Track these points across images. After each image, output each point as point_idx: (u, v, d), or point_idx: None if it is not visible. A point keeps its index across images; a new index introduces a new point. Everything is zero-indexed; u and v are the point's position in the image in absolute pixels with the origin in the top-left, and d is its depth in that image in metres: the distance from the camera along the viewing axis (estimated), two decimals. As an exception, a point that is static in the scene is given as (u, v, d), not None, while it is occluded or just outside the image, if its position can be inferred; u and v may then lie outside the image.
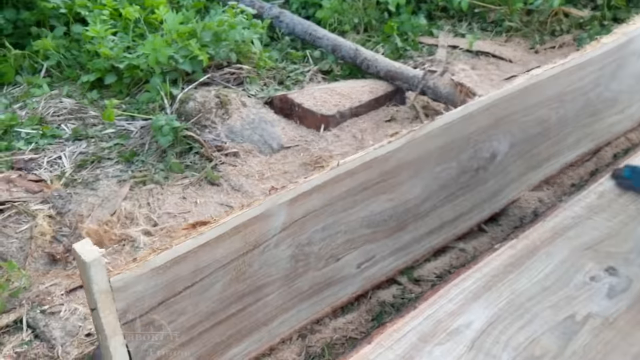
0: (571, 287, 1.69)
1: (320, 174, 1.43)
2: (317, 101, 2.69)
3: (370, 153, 1.52)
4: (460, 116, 1.69)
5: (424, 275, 1.89)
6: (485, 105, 1.74)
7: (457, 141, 1.73)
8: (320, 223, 1.49)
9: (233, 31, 2.74)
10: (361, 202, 1.57)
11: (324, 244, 1.54)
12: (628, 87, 2.31)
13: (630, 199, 1.99)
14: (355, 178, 1.51)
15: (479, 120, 1.76)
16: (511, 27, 3.37)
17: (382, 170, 1.57)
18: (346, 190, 1.50)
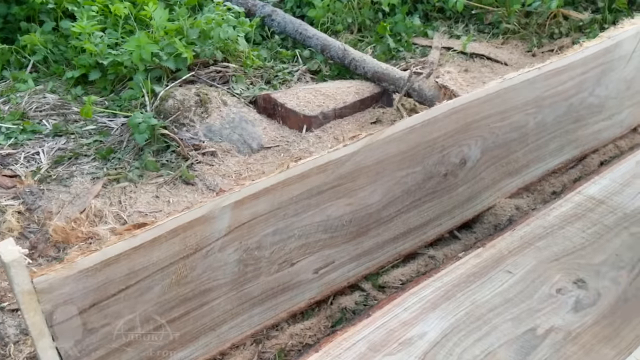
0: (535, 299, 1.63)
1: (268, 177, 1.39)
2: (301, 101, 2.65)
3: (324, 156, 1.48)
4: (423, 120, 1.64)
5: (389, 281, 1.85)
6: (451, 109, 1.69)
7: (421, 146, 1.69)
8: (271, 227, 1.46)
9: (218, 29, 2.72)
10: (316, 206, 1.53)
11: (276, 248, 1.50)
12: (616, 92, 2.24)
13: (609, 209, 1.93)
14: (307, 182, 1.47)
15: (446, 125, 1.71)
16: (508, 29, 3.30)
17: (339, 174, 1.53)
18: (298, 193, 1.47)
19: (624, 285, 1.69)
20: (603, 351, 1.50)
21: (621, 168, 2.09)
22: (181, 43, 2.72)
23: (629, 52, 2.16)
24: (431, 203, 1.84)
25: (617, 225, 1.87)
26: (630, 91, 2.29)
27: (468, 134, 1.80)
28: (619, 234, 1.84)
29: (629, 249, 1.79)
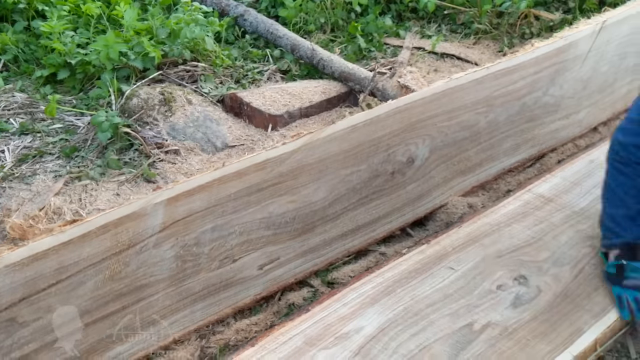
0: (475, 295, 1.66)
1: (202, 174, 1.42)
2: (267, 100, 2.68)
3: (262, 154, 1.51)
4: (365, 120, 1.67)
5: (339, 278, 1.87)
6: (394, 109, 1.72)
7: (364, 144, 1.71)
8: (208, 224, 1.48)
9: (185, 29, 2.74)
10: (257, 204, 1.56)
11: (215, 244, 1.53)
12: (572, 92, 2.26)
13: (557, 207, 1.95)
14: (245, 179, 1.50)
15: (390, 124, 1.74)
16: (480, 29, 3.32)
17: (279, 171, 1.56)
18: (236, 191, 1.49)
19: (565, 281, 1.71)
20: (538, 346, 1.53)
21: (573, 167, 2.11)
22: (149, 42, 2.74)
23: (584, 52, 2.18)
24: (379, 201, 1.87)
25: (563, 223, 1.89)
26: (587, 91, 2.32)
27: (414, 133, 1.83)
28: (565, 232, 1.86)
29: (573, 247, 1.82)
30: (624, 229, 1.64)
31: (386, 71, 2.67)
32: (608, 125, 2.53)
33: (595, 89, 2.34)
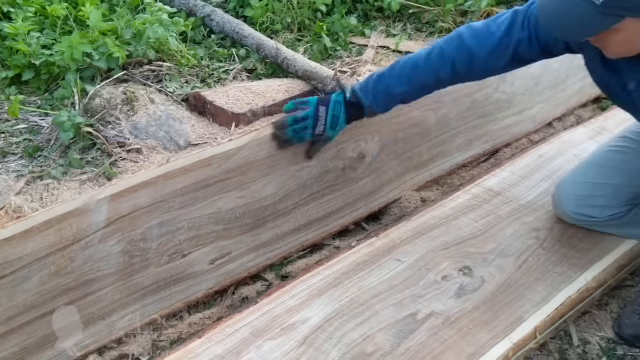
0: (420, 286, 1.71)
1: (147, 171, 1.46)
2: (230, 99, 2.71)
3: (208, 151, 1.55)
4: (313, 116, 1.71)
5: (293, 271, 1.91)
6: (342, 106, 1.76)
7: (313, 141, 1.76)
8: (155, 219, 1.52)
9: (149, 29, 2.77)
10: (204, 199, 1.60)
11: (163, 240, 1.57)
12: (524, 89, 2.32)
13: (505, 200, 2.01)
14: (192, 175, 1.54)
15: (339, 121, 1.78)
16: (444, 27, 3.38)
17: (226, 168, 1.60)
18: (182, 187, 1.53)
19: (509, 272, 1.77)
20: (479, 335, 1.58)
21: (523, 161, 2.17)
22: (114, 43, 2.77)
23: (533, 49, 2.24)
24: (331, 196, 1.91)
25: (510, 216, 1.95)
26: (540, 87, 2.38)
27: (364, 130, 1.88)
28: (511, 224, 1.92)
29: (518, 239, 1.88)
30: None
31: (348, 70, 2.72)
32: (563, 121, 2.60)
33: (547, 86, 2.40)
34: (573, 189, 1.83)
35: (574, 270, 1.78)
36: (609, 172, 1.78)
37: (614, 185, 1.76)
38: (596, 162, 1.83)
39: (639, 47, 1.38)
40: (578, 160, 2.18)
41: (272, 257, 1.85)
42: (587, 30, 1.36)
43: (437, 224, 1.91)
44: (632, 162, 1.76)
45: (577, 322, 1.80)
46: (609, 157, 1.81)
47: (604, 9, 1.25)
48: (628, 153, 1.78)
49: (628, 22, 1.28)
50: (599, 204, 1.79)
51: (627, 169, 1.76)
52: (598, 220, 1.82)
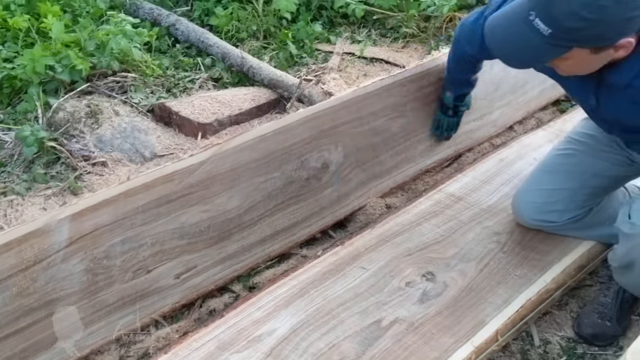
0: (384, 292, 1.74)
1: (108, 189, 1.46)
2: (196, 109, 2.72)
3: (170, 166, 1.56)
4: (274, 129, 1.73)
5: (261, 282, 1.93)
6: (304, 118, 1.79)
7: (276, 153, 1.78)
8: (118, 237, 1.52)
9: (112, 40, 2.76)
10: (167, 215, 1.61)
11: (127, 256, 1.57)
12: (484, 94, 2.37)
13: (466, 205, 2.05)
14: (153, 192, 1.54)
15: (301, 133, 1.81)
16: (408, 33, 3.43)
17: (188, 182, 1.61)
18: (144, 203, 1.54)
19: (470, 276, 1.81)
20: (442, 339, 1.62)
21: (484, 166, 2.22)
22: (76, 54, 2.75)
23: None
24: (297, 206, 1.93)
25: (471, 221, 2.00)
26: (500, 92, 2.43)
27: (327, 140, 1.90)
28: (473, 229, 1.97)
29: (479, 243, 1.92)
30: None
31: (312, 78, 2.75)
32: (523, 124, 2.66)
33: (507, 90, 2.46)
34: (529, 196, 1.88)
35: (534, 272, 1.82)
36: (561, 177, 1.83)
37: (569, 189, 1.82)
38: (548, 167, 1.89)
39: (589, 69, 1.42)
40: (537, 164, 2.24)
41: (239, 268, 1.86)
42: (537, 59, 1.40)
43: (401, 230, 1.94)
44: (582, 163, 1.82)
45: (538, 323, 1.84)
46: (560, 161, 1.87)
47: (552, 40, 1.29)
48: (576, 155, 1.84)
49: (575, 51, 1.32)
50: (557, 208, 1.84)
51: (579, 170, 1.82)
52: (558, 224, 1.87)
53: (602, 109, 1.56)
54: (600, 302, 1.82)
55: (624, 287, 1.75)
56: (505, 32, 1.36)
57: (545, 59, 1.37)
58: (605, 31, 1.27)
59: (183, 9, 3.67)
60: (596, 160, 1.80)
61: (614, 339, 1.78)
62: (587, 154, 1.82)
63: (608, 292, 1.83)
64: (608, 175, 1.80)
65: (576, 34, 1.27)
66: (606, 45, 1.31)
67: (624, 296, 1.80)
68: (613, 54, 1.34)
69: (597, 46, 1.31)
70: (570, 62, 1.37)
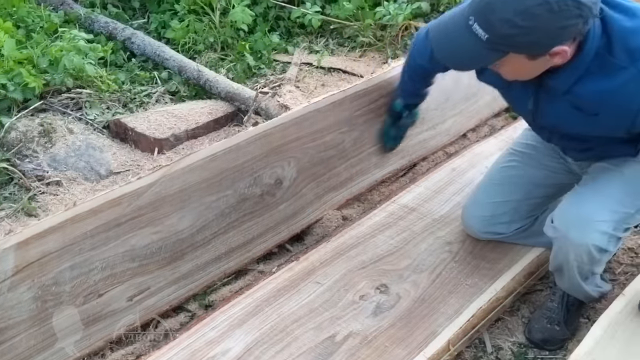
0: (339, 307, 1.76)
1: (54, 215, 1.45)
2: (152, 124, 2.70)
3: (117, 190, 1.55)
4: (225, 148, 1.74)
5: (216, 299, 1.93)
6: (254, 135, 1.80)
7: (227, 172, 1.78)
8: (66, 263, 1.51)
9: (65, 57, 2.73)
10: (116, 238, 1.60)
11: (77, 282, 1.56)
12: (436, 104, 2.42)
13: (417, 216, 2.09)
14: (101, 216, 1.54)
15: (252, 151, 1.82)
16: (365, 42, 3.46)
17: (137, 205, 1.60)
18: (92, 228, 1.53)
19: (423, 287, 1.85)
20: (395, 352, 1.65)
21: (436, 175, 2.26)
22: (29, 72, 2.71)
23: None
24: (251, 222, 1.94)
25: (424, 231, 2.03)
26: (451, 102, 2.48)
27: (279, 156, 1.92)
28: (425, 239, 2.00)
29: (432, 253, 1.96)
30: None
31: (268, 91, 2.76)
32: (476, 131, 2.72)
33: (459, 100, 2.51)
34: (477, 210, 1.93)
35: (485, 280, 1.87)
36: (506, 189, 1.88)
37: (514, 200, 1.87)
38: (493, 180, 1.94)
39: (528, 75, 1.47)
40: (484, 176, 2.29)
41: (194, 287, 1.86)
42: (476, 62, 1.45)
43: (355, 243, 1.97)
44: (525, 175, 1.87)
45: (490, 330, 1.89)
46: (504, 173, 1.92)
47: (489, 45, 1.34)
48: (519, 167, 1.89)
49: (512, 56, 1.37)
50: (504, 220, 1.89)
51: (522, 182, 1.87)
52: (506, 235, 1.92)
53: (541, 114, 1.61)
54: (548, 307, 1.87)
55: (565, 290, 1.81)
56: (448, 36, 1.41)
57: (485, 62, 1.41)
58: (538, 39, 1.31)
59: (139, 22, 3.64)
60: (537, 171, 1.85)
61: (563, 343, 1.83)
62: (529, 164, 1.87)
63: (554, 297, 1.87)
64: (550, 184, 1.86)
65: (511, 40, 1.32)
66: (541, 52, 1.36)
67: (569, 300, 1.85)
68: (550, 61, 1.39)
69: (532, 53, 1.36)
70: (508, 67, 1.42)
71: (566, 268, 1.66)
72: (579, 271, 1.65)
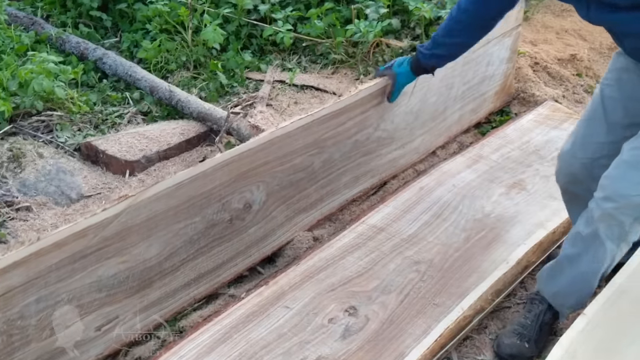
0: (308, 331, 1.78)
1: (18, 250, 1.45)
2: (123, 147, 2.70)
3: (82, 223, 1.55)
4: (191, 176, 1.75)
5: (187, 325, 1.93)
6: (221, 162, 1.81)
7: (195, 199, 1.79)
8: (31, 296, 1.51)
9: (34, 80, 2.72)
10: (83, 270, 1.60)
11: (43, 315, 1.56)
12: (405, 124, 2.45)
13: (387, 236, 2.11)
14: (66, 249, 1.54)
15: (220, 177, 1.83)
16: (337, 59, 3.50)
17: (103, 236, 1.60)
18: (57, 261, 1.53)
19: (391, 308, 1.87)
20: (362, 375, 1.66)
21: (405, 195, 2.29)
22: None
23: (409, 88, 2.37)
24: (221, 247, 1.95)
25: (393, 251, 2.06)
26: (419, 121, 2.52)
27: (247, 181, 1.93)
28: (394, 259, 2.03)
29: (400, 273, 1.99)
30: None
31: (240, 111, 2.77)
32: (446, 148, 2.76)
33: (427, 118, 2.54)
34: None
35: (452, 299, 1.90)
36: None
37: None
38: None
39: None
40: (456, 190, 2.33)
41: (164, 314, 1.87)
42: None
43: (324, 265, 1.98)
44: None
45: (459, 348, 1.91)
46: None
47: None
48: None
49: None
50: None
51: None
52: None
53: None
54: (521, 324, 1.90)
55: (551, 296, 1.84)
56: None
57: None
58: None
59: (111, 41, 3.64)
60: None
61: (530, 360, 1.86)
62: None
63: (529, 315, 1.90)
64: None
65: None
66: None
67: (544, 319, 1.89)
68: None
69: None
70: None
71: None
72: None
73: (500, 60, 2.82)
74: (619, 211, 1.61)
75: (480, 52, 2.65)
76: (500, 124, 2.89)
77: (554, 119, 2.83)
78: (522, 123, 2.77)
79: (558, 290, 1.83)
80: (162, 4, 3.35)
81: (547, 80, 3.29)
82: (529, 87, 3.10)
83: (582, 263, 1.73)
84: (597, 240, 1.67)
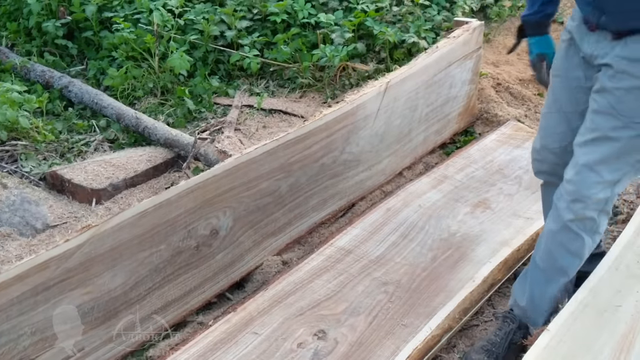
0: (277, 357, 1.77)
1: (-23, 286, 1.43)
2: (89, 175, 2.68)
3: (44, 255, 1.54)
4: (155, 204, 1.75)
5: (155, 355, 1.91)
6: (186, 189, 1.82)
7: (159, 227, 1.79)
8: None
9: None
10: (46, 302, 1.58)
11: (5, 349, 1.53)
12: (370, 147, 2.49)
13: (355, 258, 2.13)
14: (28, 281, 1.52)
15: (184, 204, 1.83)
16: (304, 83, 3.53)
17: (65, 268, 1.59)
18: (19, 294, 1.51)
19: (360, 330, 1.87)
20: (329, 400, 1.66)
21: (372, 216, 2.32)
22: (-41, 127, 2.66)
23: (374, 111, 2.41)
24: (187, 275, 1.94)
25: (360, 273, 2.07)
26: (385, 143, 2.55)
27: (213, 207, 1.93)
28: (362, 281, 2.04)
29: (368, 295, 2.00)
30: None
31: (207, 137, 2.78)
32: (412, 169, 2.80)
33: (392, 141, 2.58)
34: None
35: (420, 319, 1.91)
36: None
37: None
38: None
39: None
40: (423, 210, 2.36)
41: (131, 344, 1.84)
42: None
43: (293, 289, 1.99)
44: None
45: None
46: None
47: None
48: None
49: None
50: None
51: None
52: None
53: None
54: (491, 341, 1.91)
55: (525, 304, 1.86)
56: None
57: None
58: None
59: (77, 69, 3.63)
60: None
61: (496, 378, 1.88)
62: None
63: (499, 332, 1.92)
64: None
65: None
66: None
67: (514, 337, 1.90)
68: None
69: None
70: None
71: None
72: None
73: (463, 82, 2.89)
74: (588, 209, 1.71)
75: (442, 74, 2.71)
76: (464, 144, 2.94)
77: (516, 138, 2.90)
78: (486, 143, 2.83)
79: (532, 294, 1.85)
80: (128, 32, 3.35)
81: (510, 100, 3.37)
82: (491, 108, 3.17)
83: (558, 259, 1.78)
84: (571, 233, 1.74)
